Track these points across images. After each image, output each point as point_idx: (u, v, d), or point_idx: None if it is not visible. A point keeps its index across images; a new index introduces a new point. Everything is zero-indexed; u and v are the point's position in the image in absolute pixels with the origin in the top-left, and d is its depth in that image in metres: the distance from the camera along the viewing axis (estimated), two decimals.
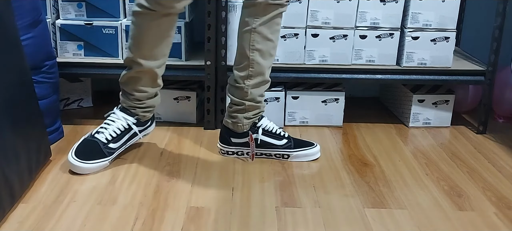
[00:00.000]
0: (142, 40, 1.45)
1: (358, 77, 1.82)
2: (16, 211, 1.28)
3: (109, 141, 1.52)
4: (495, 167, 1.62)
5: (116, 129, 1.54)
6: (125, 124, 1.55)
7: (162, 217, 1.28)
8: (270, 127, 1.61)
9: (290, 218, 1.29)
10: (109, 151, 1.52)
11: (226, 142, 1.61)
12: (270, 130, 1.60)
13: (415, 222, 1.29)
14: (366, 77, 1.82)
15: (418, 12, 1.79)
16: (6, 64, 1.29)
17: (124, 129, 1.55)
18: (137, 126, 1.57)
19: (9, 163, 1.25)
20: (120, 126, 1.55)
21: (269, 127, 1.61)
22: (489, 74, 1.84)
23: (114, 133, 1.54)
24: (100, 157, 1.50)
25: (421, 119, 1.92)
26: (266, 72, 1.55)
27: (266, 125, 1.61)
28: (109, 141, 1.52)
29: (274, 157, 1.60)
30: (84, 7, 1.77)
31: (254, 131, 1.59)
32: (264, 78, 1.55)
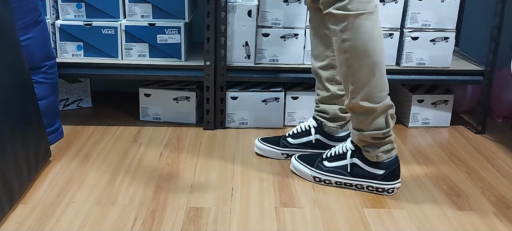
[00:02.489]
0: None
1: None
2: (16, 211, 1.28)
3: (290, 135, 1.63)
4: (494, 166, 1.63)
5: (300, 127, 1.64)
6: (307, 124, 1.63)
7: (162, 217, 1.28)
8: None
9: (289, 218, 1.29)
10: (287, 144, 1.63)
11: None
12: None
13: (414, 222, 1.30)
14: None
15: (417, 12, 1.80)
16: (5, 65, 1.29)
17: (306, 128, 1.63)
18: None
19: (8, 164, 1.25)
20: (304, 126, 1.63)
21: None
22: (487, 74, 1.84)
23: (297, 129, 1.63)
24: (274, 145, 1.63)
25: (420, 119, 1.93)
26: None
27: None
28: (291, 136, 1.63)
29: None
30: (84, 8, 1.77)
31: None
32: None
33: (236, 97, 1.83)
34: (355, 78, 1.34)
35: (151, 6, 1.78)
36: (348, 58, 1.33)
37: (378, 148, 1.40)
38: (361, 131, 1.39)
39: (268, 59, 1.82)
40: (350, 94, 1.37)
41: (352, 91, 1.35)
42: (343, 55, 1.33)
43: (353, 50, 1.31)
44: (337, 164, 1.46)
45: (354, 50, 1.31)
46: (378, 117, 1.37)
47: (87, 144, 1.69)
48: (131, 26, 1.77)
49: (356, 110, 1.38)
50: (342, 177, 1.45)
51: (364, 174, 1.43)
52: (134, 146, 1.68)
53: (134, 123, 1.88)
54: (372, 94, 1.35)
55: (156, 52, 1.80)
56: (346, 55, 1.33)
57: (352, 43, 1.31)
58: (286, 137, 1.62)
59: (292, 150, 1.60)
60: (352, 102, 1.36)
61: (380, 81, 1.35)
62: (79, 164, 1.54)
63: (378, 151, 1.40)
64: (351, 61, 1.33)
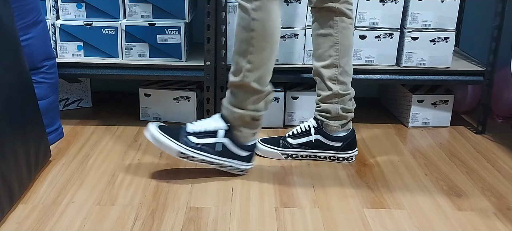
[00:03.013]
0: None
1: (357, 78, 1.82)
2: (15, 211, 1.28)
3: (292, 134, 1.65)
4: (494, 167, 1.63)
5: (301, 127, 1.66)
6: (307, 124, 1.65)
7: (162, 218, 1.28)
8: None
9: (289, 218, 1.29)
10: (287, 144, 1.64)
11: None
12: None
13: (414, 222, 1.30)
14: (365, 77, 1.82)
15: (417, 12, 1.79)
16: (5, 65, 1.29)
17: (305, 128, 1.65)
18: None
19: (8, 164, 1.25)
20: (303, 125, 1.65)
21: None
22: (488, 74, 1.84)
23: (298, 129, 1.65)
24: (274, 145, 1.64)
25: (420, 119, 1.92)
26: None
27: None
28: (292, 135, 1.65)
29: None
30: (84, 8, 1.77)
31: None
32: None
33: None
34: (254, 57, 1.39)
35: (151, 6, 1.78)
36: (253, 37, 1.38)
37: (252, 128, 1.47)
38: (242, 109, 1.43)
39: None
40: (243, 72, 1.40)
41: (247, 70, 1.40)
42: (248, 33, 1.38)
43: (262, 31, 1.37)
44: (209, 141, 1.44)
45: (263, 31, 1.37)
46: (261, 100, 1.44)
47: (87, 144, 1.69)
48: (131, 26, 1.77)
49: (245, 89, 1.41)
50: (211, 157, 1.44)
51: (230, 154, 1.46)
52: (134, 146, 1.68)
53: (134, 123, 1.88)
54: (264, 77, 1.43)
55: (156, 52, 1.80)
56: (252, 33, 1.38)
57: (262, 24, 1.36)
58: (286, 137, 1.62)
59: (292, 150, 1.60)
60: (244, 80, 1.40)
61: (272, 66, 1.44)
62: (79, 164, 1.54)
63: (251, 131, 1.47)
64: (257, 41, 1.38)
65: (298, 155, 1.61)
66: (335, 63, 1.53)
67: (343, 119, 1.58)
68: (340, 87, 1.55)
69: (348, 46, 1.54)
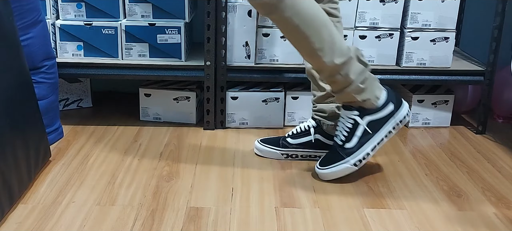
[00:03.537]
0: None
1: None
2: (15, 212, 1.28)
3: (289, 135, 1.63)
4: (494, 167, 1.62)
5: (299, 127, 1.63)
6: (306, 125, 1.63)
7: (162, 218, 1.28)
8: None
9: (289, 218, 1.29)
10: (283, 143, 1.62)
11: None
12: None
13: (415, 223, 1.29)
14: None
15: (418, 12, 1.79)
16: (5, 65, 1.29)
17: (303, 129, 1.63)
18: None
19: (8, 164, 1.25)
20: (302, 126, 1.63)
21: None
22: (488, 74, 1.84)
23: (297, 129, 1.63)
24: (273, 145, 1.62)
25: (421, 119, 1.92)
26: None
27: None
28: (289, 136, 1.63)
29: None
30: (84, 8, 1.77)
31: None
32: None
33: (236, 97, 1.83)
34: (319, 43, 1.34)
35: (151, 6, 1.77)
36: (303, 30, 1.33)
37: (371, 89, 1.43)
38: (350, 84, 1.40)
39: (268, 59, 1.81)
40: (323, 61, 1.36)
41: (323, 56, 1.36)
42: (297, 32, 1.34)
43: (303, 20, 1.33)
44: (358, 136, 1.45)
45: (304, 20, 1.33)
46: (354, 63, 1.39)
47: (87, 144, 1.68)
48: (131, 26, 1.77)
49: (337, 69, 1.38)
50: (372, 141, 1.45)
51: (382, 121, 1.45)
52: (134, 146, 1.68)
53: (134, 123, 1.88)
54: (341, 47, 1.37)
55: (156, 52, 1.80)
56: (299, 28, 1.33)
57: (298, 16, 1.32)
58: (286, 137, 1.62)
59: (292, 150, 1.60)
60: (329, 65, 1.37)
61: (337, 34, 1.38)
62: (79, 164, 1.54)
63: (373, 91, 1.43)
64: (307, 31, 1.33)
65: (298, 155, 1.60)
66: None
67: (339, 117, 1.57)
68: None
69: None
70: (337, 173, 1.46)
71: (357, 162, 1.45)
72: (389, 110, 1.46)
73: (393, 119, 1.47)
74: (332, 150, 1.49)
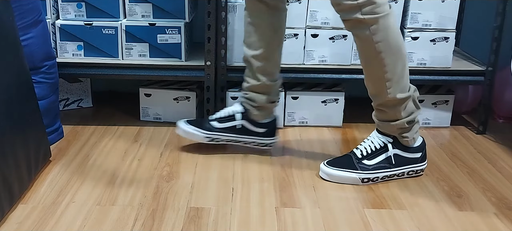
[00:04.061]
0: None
1: (357, 78, 1.82)
2: (15, 212, 1.28)
3: (217, 118, 1.62)
4: (495, 167, 1.62)
5: (227, 110, 1.62)
6: (232, 108, 1.62)
7: (162, 218, 1.28)
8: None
9: (289, 219, 1.29)
10: (210, 128, 1.61)
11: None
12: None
13: (415, 223, 1.29)
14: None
15: (418, 12, 1.79)
16: (5, 65, 1.29)
17: (230, 113, 1.62)
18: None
19: (8, 164, 1.25)
20: (230, 110, 1.62)
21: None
22: (489, 75, 1.84)
23: (222, 113, 1.62)
24: (202, 129, 1.59)
25: (421, 119, 1.92)
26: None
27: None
28: (217, 119, 1.61)
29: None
30: (84, 8, 1.77)
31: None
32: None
33: (236, 97, 1.83)
34: (391, 74, 1.38)
35: (152, 6, 1.77)
36: (383, 58, 1.36)
37: (413, 131, 1.47)
38: (398, 120, 1.44)
39: None
40: (386, 91, 1.40)
41: (389, 87, 1.39)
42: (377, 57, 1.36)
43: (388, 48, 1.35)
44: (379, 159, 1.48)
45: (389, 48, 1.35)
46: (409, 102, 1.43)
47: (87, 144, 1.68)
48: (132, 26, 1.77)
49: (394, 103, 1.41)
50: (388, 170, 1.48)
51: (405, 161, 1.49)
52: (134, 146, 1.68)
53: (134, 123, 1.87)
54: (406, 84, 1.42)
55: (156, 52, 1.80)
56: (380, 55, 1.36)
57: (385, 42, 1.34)
58: (211, 120, 1.62)
59: (217, 134, 1.60)
60: (389, 97, 1.40)
61: (407, 70, 1.43)
62: (79, 164, 1.54)
63: (413, 133, 1.47)
64: (386, 60, 1.36)
65: (221, 139, 1.61)
66: (266, 56, 1.54)
67: (266, 109, 1.60)
68: (268, 78, 1.56)
69: (280, 38, 1.56)
70: (343, 178, 1.47)
71: (365, 179, 1.47)
72: (416, 156, 1.50)
73: (414, 166, 1.51)
74: (348, 156, 1.50)
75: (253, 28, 1.53)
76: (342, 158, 1.51)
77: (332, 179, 1.48)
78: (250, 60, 1.56)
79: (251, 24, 1.53)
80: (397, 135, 1.47)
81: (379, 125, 1.49)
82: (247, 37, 1.55)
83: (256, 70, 1.56)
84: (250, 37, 1.54)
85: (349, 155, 1.51)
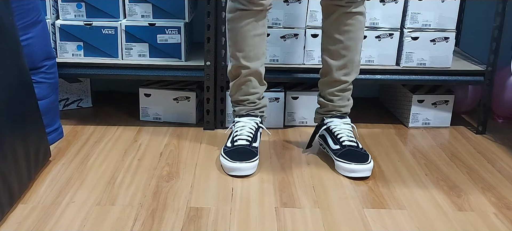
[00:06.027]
0: (244, 43, 1.52)
1: (357, 78, 1.81)
2: (15, 212, 1.28)
3: (250, 142, 1.56)
4: (494, 167, 1.62)
5: (249, 130, 1.58)
6: (254, 124, 1.60)
7: (162, 218, 1.28)
8: (337, 130, 1.59)
9: (289, 219, 1.29)
10: (256, 150, 1.55)
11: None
12: (333, 131, 1.60)
13: (415, 223, 1.29)
14: (365, 77, 1.82)
15: (418, 12, 1.79)
16: (5, 65, 1.29)
17: (255, 128, 1.60)
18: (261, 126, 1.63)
19: (8, 164, 1.25)
20: (252, 127, 1.59)
21: (335, 130, 1.59)
22: (488, 75, 1.84)
23: (251, 133, 1.57)
24: (252, 157, 1.52)
25: (421, 119, 1.92)
26: (333, 72, 1.58)
27: (334, 126, 1.60)
28: (251, 142, 1.56)
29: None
30: (84, 8, 1.77)
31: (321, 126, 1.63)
32: (332, 78, 1.59)
33: None
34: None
35: (151, 6, 1.77)
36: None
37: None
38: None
39: (268, 59, 1.81)
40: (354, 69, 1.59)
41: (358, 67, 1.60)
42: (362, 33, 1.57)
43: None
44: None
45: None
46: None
47: (87, 144, 1.68)
48: (131, 26, 1.77)
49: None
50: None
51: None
52: (134, 146, 1.68)
53: (134, 123, 1.88)
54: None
55: (156, 52, 1.80)
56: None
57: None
58: (252, 145, 1.59)
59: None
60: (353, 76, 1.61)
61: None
62: (79, 164, 1.54)
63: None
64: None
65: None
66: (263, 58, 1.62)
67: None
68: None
69: None
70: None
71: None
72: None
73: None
74: (355, 150, 1.54)
75: (259, 39, 1.54)
76: (356, 154, 1.53)
77: (367, 174, 1.51)
78: (259, 70, 1.57)
79: (258, 35, 1.53)
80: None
81: (347, 107, 1.63)
82: (250, 50, 1.54)
83: (262, 77, 1.59)
84: (254, 49, 1.54)
85: (353, 148, 1.54)
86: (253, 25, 1.51)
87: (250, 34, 1.52)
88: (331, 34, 1.55)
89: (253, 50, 1.54)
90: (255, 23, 1.51)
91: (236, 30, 1.52)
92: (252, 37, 1.52)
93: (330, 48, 1.56)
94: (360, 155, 1.52)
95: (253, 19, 1.50)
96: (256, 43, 1.53)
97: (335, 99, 1.61)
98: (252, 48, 1.53)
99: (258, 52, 1.55)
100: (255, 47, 1.54)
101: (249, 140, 1.55)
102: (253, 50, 1.54)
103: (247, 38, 1.52)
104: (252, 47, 1.53)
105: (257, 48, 1.54)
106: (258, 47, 1.54)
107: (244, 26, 1.51)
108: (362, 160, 1.50)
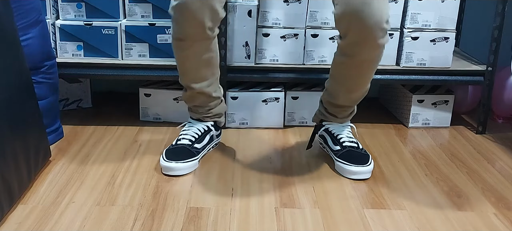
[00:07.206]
0: (185, 67, 1.49)
1: None
2: (15, 212, 1.28)
3: (193, 142, 1.55)
4: (494, 167, 1.62)
5: (196, 131, 1.58)
6: (204, 126, 1.60)
7: (162, 218, 1.28)
8: (336, 131, 1.59)
9: (289, 219, 1.29)
10: (196, 151, 1.54)
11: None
12: (333, 133, 1.59)
13: (415, 223, 1.29)
14: None
15: (418, 12, 1.79)
16: (5, 65, 1.29)
17: (203, 131, 1.59)
18: (215, 130, 1.63)
19: (8, 164, 1.25)
20: (200, 128, 1.59)
21: (335, 131, 1.59)
22: (488, 75, 1.84)
23: (196, 134, 1.57)
24: (190, 157, 1.51)
25: (421, 119, 1.92)
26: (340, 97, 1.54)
27: (333, 128, 1.60)
28: (194, 142, 1.55)
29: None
30: (84, 8, 1.77)
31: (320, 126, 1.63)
32: (338, 102, 1.56)
33: (236, 97, 1.83)
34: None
35: (151, 6, 1.77)
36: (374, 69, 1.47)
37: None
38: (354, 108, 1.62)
39: (268, 59, 1.81)
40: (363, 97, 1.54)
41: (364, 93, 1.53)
42: (372, 72, 1.47)
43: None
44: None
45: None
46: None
47: (87, 144, 1.68)
48: (131, 26, 1.77)
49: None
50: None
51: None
52: (134, 146, 1.68)
53: (134, 123, 1.88)
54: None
55: (156, 52, 1.80)
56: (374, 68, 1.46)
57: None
58: (192, 145, 1.57)
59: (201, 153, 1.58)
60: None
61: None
62: (79, 164, 1.54)
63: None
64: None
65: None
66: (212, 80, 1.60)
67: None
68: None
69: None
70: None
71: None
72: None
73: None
74: (356, 151, 1.54)
75: (205, 62, 1.49)
76: (356, 154, 1.52)
77: (368, 175, 1.51)
78: (206, 91, 1.54)
79: (203, 60, 1.47)
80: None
81: (346, 118, 1.60)
82: (195, 73, 1.50)
83: (212, 93, 1.57)
84: (198, 73, 1.50)
85: (355, 149, 1.54)
86: (195, 53, 1.45)
87: (192, 61, 1.47)
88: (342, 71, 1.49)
89: (197, 73, 1.50)
90: (199, 50, 1.44)
91: (177, 54, 1.47)
92: (196, 62, 1.47)
93: (339, 80, 1.50)
94: (360, 156, 1.52)
95: (195, 48, 1.44)
96: (201, 67, 1.48)
97: (339, 115, 1.59)
98: (196, 71, 1.49)
99: (204, 75, 1.50)
100: (200, 71, 1.49)
101: (192, 140, 1.55)
102: (197, 74, 1.50)
103: (189, 64, 1.47)
104: (196, 71, 1.49)
105: (203, 71, 1.50)
106: (205, 69, 1.49)
107: (185, 54, 1.45)
108: (362, 161, 1.50)
